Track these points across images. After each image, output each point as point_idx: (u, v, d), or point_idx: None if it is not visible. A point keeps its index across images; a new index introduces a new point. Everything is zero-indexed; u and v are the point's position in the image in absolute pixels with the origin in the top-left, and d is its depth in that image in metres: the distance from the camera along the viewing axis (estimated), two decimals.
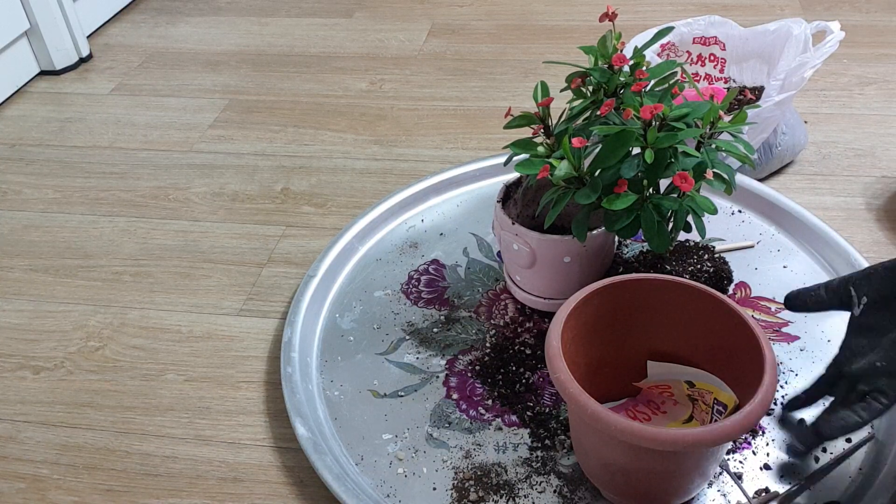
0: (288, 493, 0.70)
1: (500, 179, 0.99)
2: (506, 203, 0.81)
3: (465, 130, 1.16)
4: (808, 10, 1.42)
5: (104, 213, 1.05)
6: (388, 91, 1.27)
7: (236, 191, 1.07)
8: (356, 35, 1.45)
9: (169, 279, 0.93)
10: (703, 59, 1.08)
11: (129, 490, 0.71)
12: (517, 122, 0.74)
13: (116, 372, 0.82)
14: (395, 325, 0.83)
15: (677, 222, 0.69)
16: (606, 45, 0.74)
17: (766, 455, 0.68)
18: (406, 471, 0.69)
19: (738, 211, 0.94)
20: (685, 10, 1.45)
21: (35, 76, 1.37)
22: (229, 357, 0.83)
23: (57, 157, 1.17)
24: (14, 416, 0.79)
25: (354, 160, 1.11)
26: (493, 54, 1.36)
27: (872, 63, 1.25)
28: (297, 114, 1.23)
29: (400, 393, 0.76)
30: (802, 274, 0.85)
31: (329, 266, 0.88)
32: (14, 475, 0.73)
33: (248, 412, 0.77)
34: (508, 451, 0.70)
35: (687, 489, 0.62)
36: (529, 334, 0.80)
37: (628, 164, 0.66)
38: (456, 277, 0.88)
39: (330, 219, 1.01)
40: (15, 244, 1.00)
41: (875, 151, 1.06)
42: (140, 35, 1.50)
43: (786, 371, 0.75)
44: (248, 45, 1.44)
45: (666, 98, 0.71)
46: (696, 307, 0.64)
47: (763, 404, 0.55)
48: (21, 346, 0.86)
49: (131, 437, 0.76)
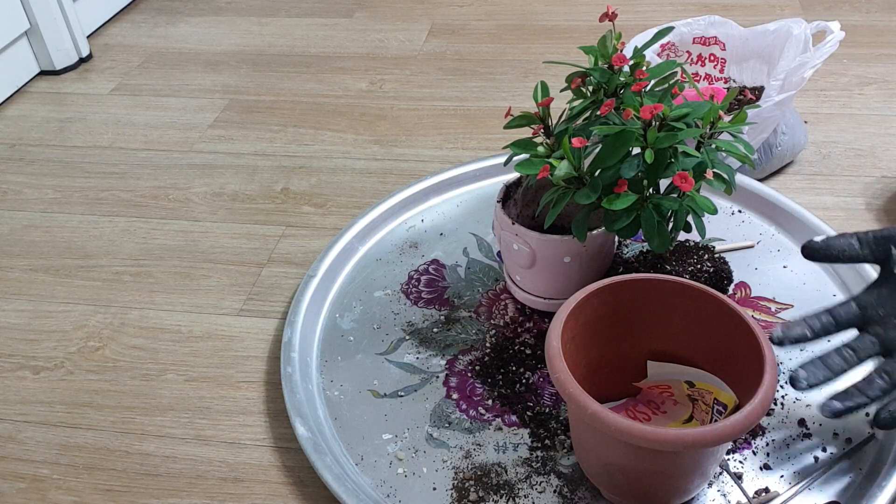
0: (288, 493, 0.70)
1: (500, 179, 0.99)
2: (506, 203, 0.81)
3: (465, 130, 1.16)
4: (808, 10, 1.42)
5: (104, 213, 1.05)
6: (388, 91, 1.27)
7: (236, 191, 1.07)
8: (356, 35, 1.45)
9: (169, 279, 0.93)
10: (703, 59, 1.08)
11: (129, 490, 0.71)
12: (517, 122, 0.74)
13: (116, 372, 0.82)
14: (395, 325, 0.83)
15: (677, 222, 0.69)
16: (606, 45, 0.74)
17: (766, 455, 0.68)
18: (406, 471, 0.69)
19: (738, 211, 0.94)
20: (685, 10, 1.45)
21: (35, 76, 1.37)
22: (229, 357, 0.83)
23: (57, 157, 1.17)
24: (14, 416, 0.79)
25: (354, 160, 1.11)
26: (493, 54, 1.36)
27: (872, 63, 1.25)
28: (297, 114, 1.23)
29: (400, 393, 0.76)
30: (802, 274, 0.85)
31: (329, 266, 0.88)
32: (14, 475, 0.73)
33: (248, 412, 0.77)
34: (508, 451, 0.70)
35: (687, 489, 0.62)
36: (529, 334, 0.80)
37: (628, 164, 0.66)
38: (456, 277, 0.88)
39: (330, 219, 1.01)
40: (15, 244, 1.00)
41: (875, 151, 1.06)
42: (140, 35, 1.50)
43: (786, 371, 0.75)
44: (248, 45, 1.44)
45: (666, 98, 0.71)
46: (696, 307, 0.64)
47: (763, 404, 0.55)
48: (21, 346, 0.86)
49: (131, 437, 0.76)
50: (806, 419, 0.71)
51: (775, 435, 0.70)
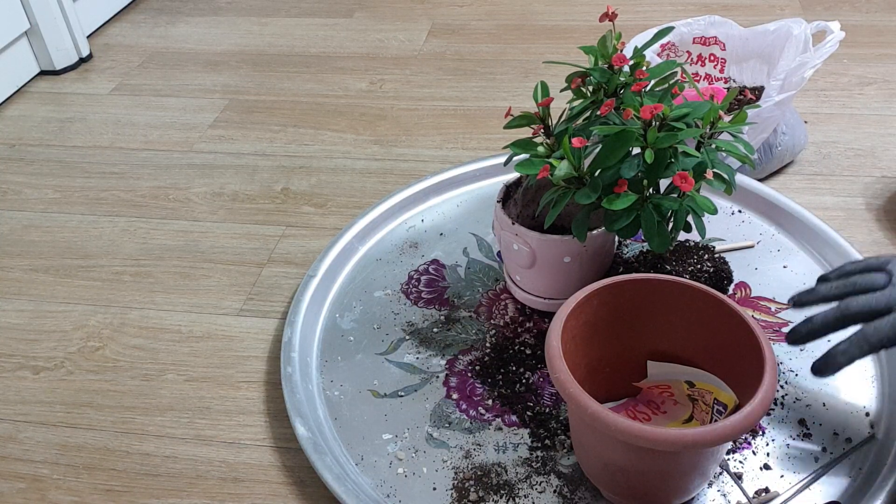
0: (288, 493, 0.70)
1: (500, 179, 0.99)
2: (506, 203, 0.81)
3: (465, 130, 1.16)
4: (808, 10, 1.42)
5: (104, 213, 1.05)
6: (388, 91, 1.27)
7: (236, 191, 1.07)
8: (356, 35, 1.45)
9: (169, 279, 0.93)
10: (703, 59, 1.08)
11: (129, 490, 0.71)
12: (517, 122, 0.74)
13: (116, 372, 0.82)
14: (395, 325, 0.83)
15: (677, 222, 0.69)
16: (606, 45, 0.74)
17: (766, 455, 0.68)
18: (406, 471, 0.69)
19: (738, 211, 0.94)
20: (685, 10, 1.45)
21: (35, 76, 1.37)
22: (229, 357, 0.83)
23: (57, 157, 1.17)
24: (14, 416, 0.79)
25: (354, 160, 1.11)
26: (493, 54, 1.36)
27: (872, 63, 1.25)
28: (297, 114, 1.23)
29: (400, 393, 0.76)
30: (802, 274, 0.85)
31: (329, 266, 0.88)
32: (14, 475, 0.73)
33: (248, 412, 0.77)
34: (508, 451, 0.70)
35: (687, 489, 0.62)
36: (529, 334, 0.80)
37: (628, 164, 0.66)
38: (456, 277, 0.88)
39: (330, 219, 1.01)
40: (15, 244, 1.00)
41: (875, 151, 1.06)
42: (140, 35, 1.50)
43: (786, 371, 0.75)
44: (248, 45, 1.44)
45: (666, 98, 0.71)
46: (696, 307, 0.64)
47: (763, 404, 0.55)
48: (21, 346, 0.86)
49: (131, 437, 0.76)
50: (806, 419, 0.71)
51: (775, 435, 0.70)
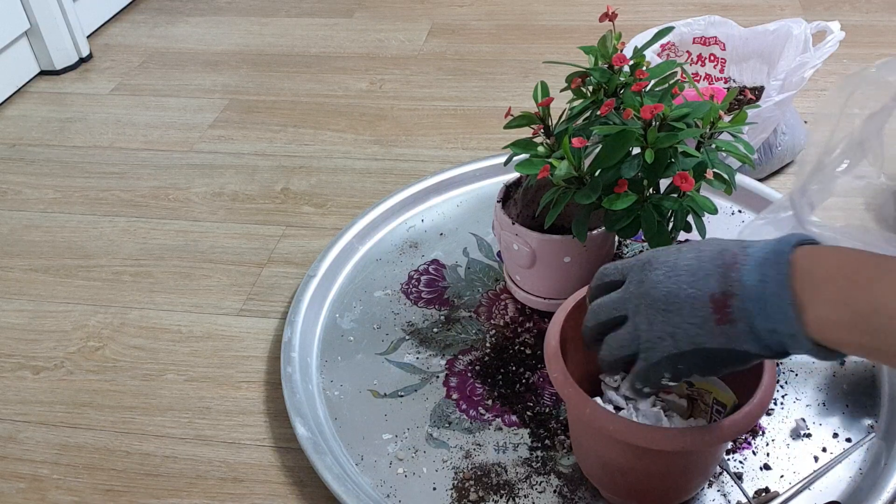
0: (288, 493, 0.70)
1: (500, 179, 0.99)
2: (506, 203, 0.81)
3: (465, 130, 1.16)
4: (808, 10, 1.42)
5: (104, 213, 1.05)
6: (388, 91, 1.27)
7: (236, 191, 1.07)
8: (356, 35, 1.45)
9: (169, 279, 0.93)
10: (703, 59, 1.08)
11: (129, 490, 0.71)
12: (517, 122, 0.74)
13: (116, 372, 0.82)
14: (395, 325, 0.83)
15: (677, 222, 0.69)
16: (606, 45, 0.74)
17: (766, 455, 0.68)
18: (406, 471, 0.69)
19: (738, 211, 0.94)
20: (685, 10, 1.45)
21: (35, 76, 1.37)
22: (229, 357, 0.83)
23: (57, 157, 1.17)
24: (14, 416, 0.79)
25: (354, 160, 1.11)
26: (493, 54, 1.36)
27: (872, 63, 1.25)
28: (297, 114, 1.23)
29: (400, 393, 0.76)
30: None
31: (329, 266, 0.88)
32: (14, 475, 0.73)
33: (248, 412, 0.77)
34: (508, 451, 0.70)
35: (687, 489, 0.62)
36: (529, 334, 0.80)
37: (628, 164, 0.66)
38: (456, 277, 0.88)
39: (330, 219, 1.01)
40: (15, 244, 1.00)
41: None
42: (140, 35, 1.50)
43: (785, 371, 0.75)
44: (248, 45, 1.44)
45: (666, 98, 0.71)
46: None
47: (762, 404, 0.55)
48: (21, 346, 0.86)
49: (131, 437, 0.76)
50: (806, 419, 0.71)
51: (775, 435, 0.70)
